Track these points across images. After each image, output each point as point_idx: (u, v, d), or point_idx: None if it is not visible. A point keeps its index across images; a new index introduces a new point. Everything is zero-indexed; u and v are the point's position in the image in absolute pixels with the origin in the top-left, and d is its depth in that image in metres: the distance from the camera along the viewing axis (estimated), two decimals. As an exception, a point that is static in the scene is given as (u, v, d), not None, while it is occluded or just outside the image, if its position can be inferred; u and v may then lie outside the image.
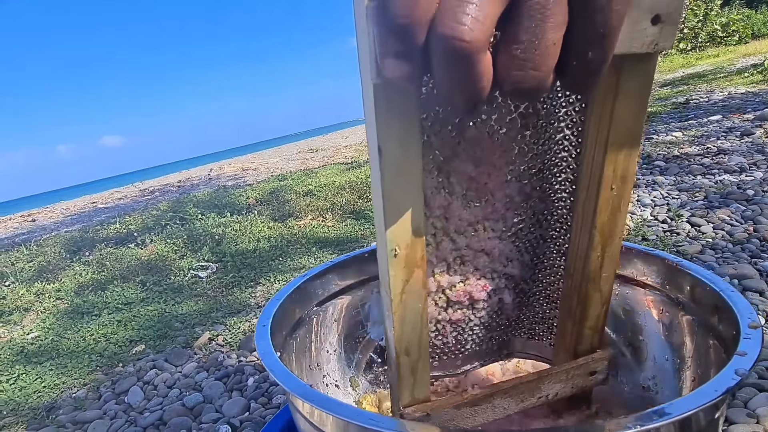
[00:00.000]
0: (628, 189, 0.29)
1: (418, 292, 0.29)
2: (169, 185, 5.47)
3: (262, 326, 0.36)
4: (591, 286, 0.32)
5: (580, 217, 0.31)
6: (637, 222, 1.20)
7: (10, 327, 1.27)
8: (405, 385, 0.31)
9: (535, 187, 0.33)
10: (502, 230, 0.34)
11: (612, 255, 0.31)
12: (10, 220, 5.29)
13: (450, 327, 0.36)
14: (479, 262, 0.34)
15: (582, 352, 0.34)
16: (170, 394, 0.82)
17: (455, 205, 0.32)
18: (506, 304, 0.37)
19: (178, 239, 1.72)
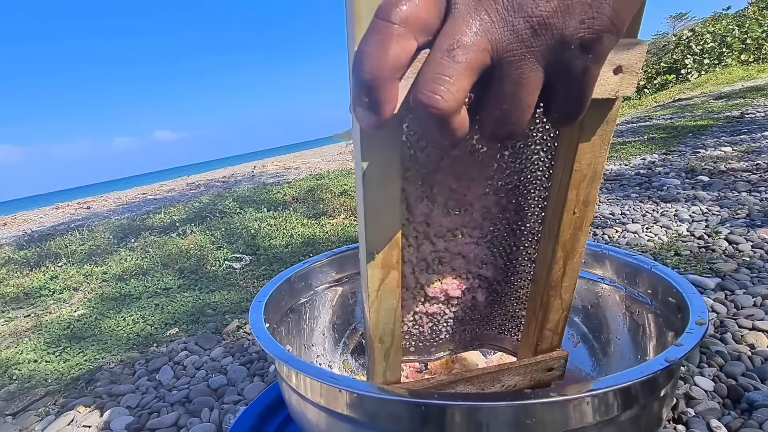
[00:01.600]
0: (590, 212, 0.31)
1: (392, 290, 0.32)
2: (214, 180, 5.67)
3: (257, 302, 0.39)
4: (552, 294, 0.34)
5: (546, 233, 0.34)
6: (671, 237, 1.17)
7: (60, 304, 1.36)
8: (378, 368, 0.34)
9: (510, 201, 0.36)
10: (479, 237, 0.37)
11: (573, 268, 0.33)
12: (67, 206, 5.64)
13: (426, 318, 0.39)
14: (456, 264, 0.37)
15: (542, 350, 0.37)
16: (197, 375, 0.87)
17: (436, 213, 0.35)
18: (479, 302, 0.40)
19: (216, 231, 1.80)
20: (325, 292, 0.51)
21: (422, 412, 0.27)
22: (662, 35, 17.98)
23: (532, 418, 0.25)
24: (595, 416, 0.26)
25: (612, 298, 0.45)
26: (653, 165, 1.96)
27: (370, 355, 0.34)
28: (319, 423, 0.32)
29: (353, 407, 0.29)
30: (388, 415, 0.28)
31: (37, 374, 0.94)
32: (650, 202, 1.50)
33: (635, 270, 0.43)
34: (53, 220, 4.45)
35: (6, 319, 1.30)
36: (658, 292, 0.40)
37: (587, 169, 0.29)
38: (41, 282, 1.54)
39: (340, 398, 0.29)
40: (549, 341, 0.37)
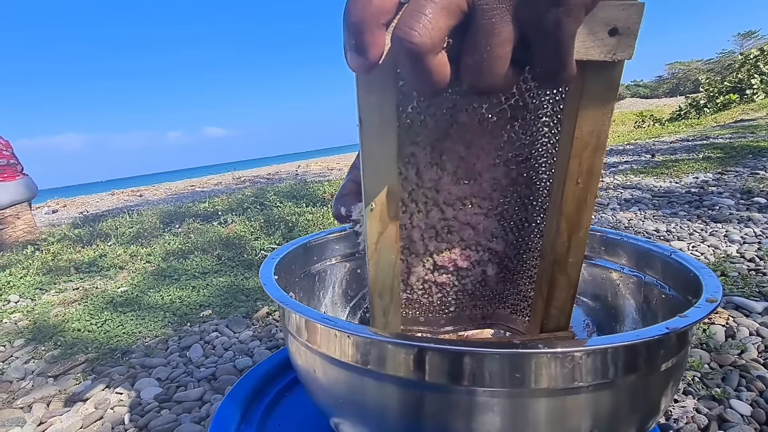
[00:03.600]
0: (594, 183, 0.30)
1: (390, 244, 0.32)
2: (259, 176, 5.84)
3: (270, 259, 0.40)
4: (558, 269, 0.34)
5: (551, 205, 0.33)
6: (718, 257, 1.11)
7: (106, 280, 1.44)
8: (378, 324, 0.35)
9: (521, 174, 0.36)
10: (488, 208, 0.36)
11: (578, 243, 0.32)
12: (122, 193, 5.94)
13: (435, 288, 0.39)
14: (465, 234, 0.37)
15: (548, 329, 0.36)
16: (225, 356, 0.89)
17: (445, 180, 0.35)
18: (489, 277, 0.39)
19: (255, 222, 1.85)
20: (337, 265, 0.52)
21: (419, 357, 0.27)
22: (728, 54, 17.06)
23: (521, 370, 0.25)
24: (588, 376, 0.26)
25: (630, 286, 0.44)
26: (706, 184, 1.87)
27: (371, 311, 0.34)
28: (326, 373, 0.32)
29: (357, 353, 0.29)
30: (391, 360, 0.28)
31: (79, 342, 1.00)
32: (699, 221, 1.43)
33: (654, 257, 0.41)
34: (108, 204, 4.70)
35: (57, 290, 1.38)
36: (677, 279, 0.39)
37: (589, 137, 0.29)
38: (91, 258, 1.63)
39: (344, 343, 0.29)
40: (556, 321, 0.36)
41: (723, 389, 0.64)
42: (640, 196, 1.81)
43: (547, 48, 0.22)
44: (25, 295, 1.37)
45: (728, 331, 0.80)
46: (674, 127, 5.07)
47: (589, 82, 0.27)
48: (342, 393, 0.31)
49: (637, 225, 1.45)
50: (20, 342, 1.04)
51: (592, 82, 0.27)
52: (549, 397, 0.26)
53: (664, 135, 4.09)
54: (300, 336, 0.33)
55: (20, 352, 0.99)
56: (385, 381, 0.28)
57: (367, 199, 0.30)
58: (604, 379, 0.26)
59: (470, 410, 0.27)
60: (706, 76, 9.84)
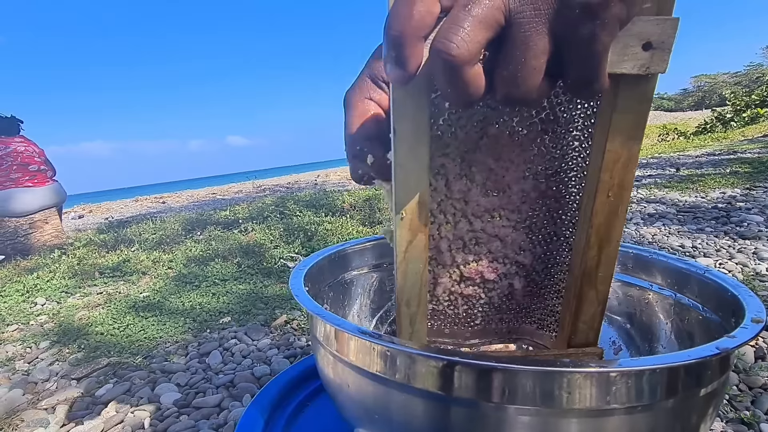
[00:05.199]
0: (625, 197, 0.30)
1: (419, 253, 0.32)
2: (279, 185, 5.90)
3: (298, 270, 0.40)
4: (587, 283, 0.33)
5: (581, 218, 0.33)
6: (747, 274, 1.08)
7: (129, 285, 1.46)
8: (404, 333, 0.34)
9: (550, 187, 0.35)
10: (517, 221, 0.36)
11: (608, 257, 0.32)
12: (146, 200, 6.07)
13: (461, 300, 0.39)
14: (493, 246, 0.37)
15: (576, 345, 0.35)
16: (243, 363, 0.90)
17: (474, 191, 0.35)
18: (516, 290, 0.39)
19: (275, 230, 1.87)
20: (365, 275, 0.52)
21: (449, 372, 0.26)
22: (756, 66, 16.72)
23: (558, 387, 0.24)
24: (626, 398, 0.25)
25: (660, 305, 0.42)
26: (734, 199, 1.82)
27: (398, 320, 0.34)
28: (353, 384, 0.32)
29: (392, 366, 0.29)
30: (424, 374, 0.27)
31: (102, 345, 1.02)
32: (727, 237, 1.39)
33: (686, 275, 0.40)
34: (132, 210, 4.80)
35: (82, 294, 1.41)
36: (712, 298, 0.37)
37: (621, 149, 0.28)
38: (115, 263, 1.66)
39: (373, 354, 0.29)
40: (584, 336, 0.35)
41: (753, 412, 0.62)
42: (664, 210, 1.77)
43: (581, 60, 0.22)
44: (51, 297, 1.40)
45: (758, 352, 0.77)
46: (700, 140, 4.97)
47: (621, 95, 0.27)
48: (369, 404, 0.31)
49: (661, 240, 1.42)
50: (46, 344, 1.06)
51: (625, 96, 0.26)
52: (581, 418, 0.25)
53: (689, 149, 4.01)
54: (329, 345, 0.33)
55: (45, 354, 1.01)
56: (413, 393, 0.28)
57: (397, 207, 0.31)
58: (640, 402, 0.25)
59: (499, 427, 0.26)
60: (733, 89, 9.63)
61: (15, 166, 2.04)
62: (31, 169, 2.07)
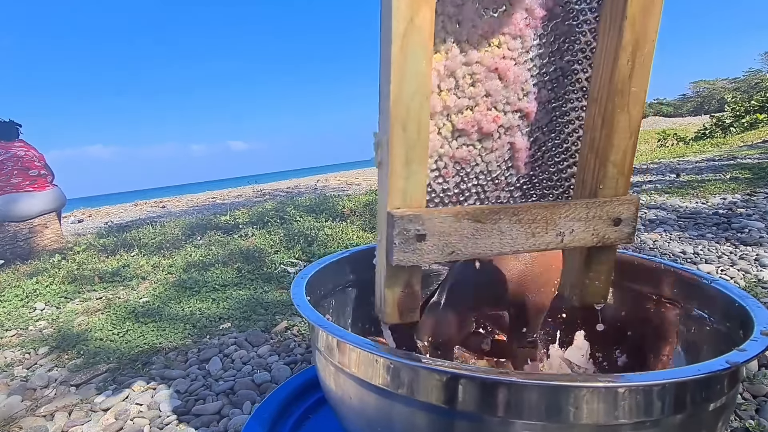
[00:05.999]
0: None
1: (423, 40, 0.26)
2: (279, 190, 5.90)
3: (300, 278, 0.40)
4: (618, 103, 0.28)
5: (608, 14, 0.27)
6: (749, 281, 1.08)
7: (128, 290, 1.46)
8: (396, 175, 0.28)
9: (558, 4, 0.30)
10: (519, 50, 0.31)
11: (643, 64, 0.27)
12: (145, 204, 6.07)
13: (452, 168, 0.32)
14: (491, 86, 0.31)
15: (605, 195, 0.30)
16: (243, 369, 0.89)
17: (469, 7, 0.29)
18: (518, 152, 0.33)
19: (275, 236, 1.86)
20: (365, 283, 0.52)
21: (453, 385, 0.25)
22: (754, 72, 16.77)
23: (565, 402, 0.23)
24: (634, 414, 0.24)
25: (666, 314, 0.41)
26: (734, 205, 1.82)
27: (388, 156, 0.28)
28: (355, 396, 0.31)
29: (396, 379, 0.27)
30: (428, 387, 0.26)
31: (101, 351, 1.01)
32: (728, 243, 1.39)
33: (692, 285, 0.39)
34: (132, 215, 4.80)
35: (81, 299, 1.41)
36: (719, 309, 0.36)
37: None
38: (114, 268, 1.66)
39: (377, 367, 0.28)
40: (614, 183, 0.30)
41: (757, 421, 0.61)
42: (665, 216, 1.77)
43: None
44: (50, 303, 1.40)
45: (762, 359, 0.77)
46: (699, 146, 4.97)
47: None
48: (372, 416, 0.30)
49: (662, 246, 1.42)
50: (44, 350, 1.06)
51: None
52: None
53: (689, 154, 4.01)
54: (331, 356, 0.32)
55: (44, 360, 1.01)
56: (416, 407, 0.27)
57: None
58: (649, 418, 0.24)
59: (503, 442, 0.25)
60: (732, 94, 9.66)
61: (15, 170, 2.04)
62: (31, 174, 2.07)
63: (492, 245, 0.29)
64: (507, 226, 0.29)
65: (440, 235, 0.28)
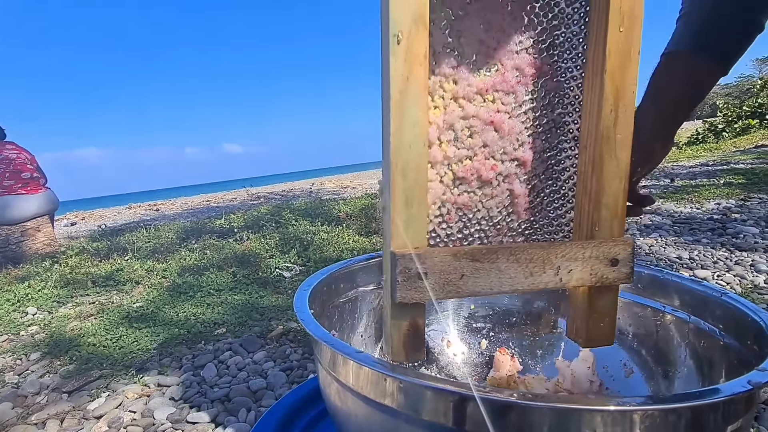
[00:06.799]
0: (637, 30, 0.28)
1: (418, 95, 0.28)
2: (274, 193, 5.89)
3: (302, 290, 0.39)
4: (606, 150, 0.30)
5: (590, 70, 0.31)
6: (746, 287, 1.08)
7: (122, 295, 1.44)
8: (397, 218, 0.30)
9: (545, 63, 0.33)
10: (513, 105, 0.34)
11: (625, 113, 0.30)
12: (139, 207, 6.03)
13: (455, 213, 0.34)
14: (488, 138, 0.34)
15: (600, 238, 0.32)
16: (239, 376, 0.88)
17: (464, 68, 0.32)
18: (517, 198, 0.35)
19: (270, 240, 1.86)
20: (367, 293, 0.51)
21: (461, 406, 0.24)
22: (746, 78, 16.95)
23: (576, 426, 0.23)
24: None
25: (675, 328, 0.41)
26: (729, 210, 1.83)
27: (390, 202, 0.30)
28: (360, 414, 0.30)
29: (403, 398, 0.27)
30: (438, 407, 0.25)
31: (94, 357, 1.00)
32: (723, 249, 1.39)
33: (702, 298, 0.39)
34: (125, 218, 4.77)
35: (74, 304, 1.39)
36: (730, 322, 0.36)
37: None
38: (108, 272, 1.64)
39: (388, 387, 0.27)
40: (608, 225, 0.32)
41: (757, 429, 0.61)
42: (660, 221, 1.78)
43: None
44: (42, 307, 1.38)
45: (759, 366, 0.77)
46: (692, 151, 5.01)
47: None
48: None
49: (658, 252, 1.42)
50: (36, 355, 1.04)
51: None
52: None
53: (683, 159, 4.04)
54: (336, 373, 0.31)
55: (36, 366, 0.99)
56: (423, 427, 0.26)
57: (393, 29, 0.27)
58: None
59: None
60: (724, 100, 9.75)
61: (8, 173, 2.02)
62: (24, 177, 2.04)
63: (491, 284, 0.31)
64: (505, 265, 0.31)
65: (440, 273, 0.30)
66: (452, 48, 0.32)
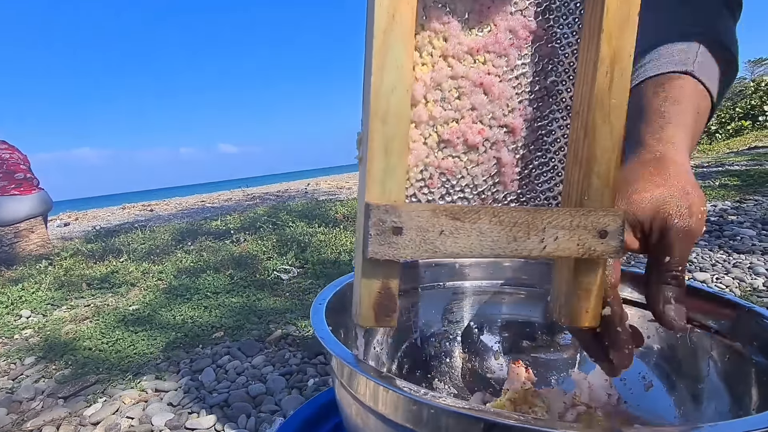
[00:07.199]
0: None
1: (403, 36, 0.27)
2: (269, 193, 5.87)
3: (318, 304, 0.38)
4: (599, 118, 0.29)
5: (586, 31, 0.29)
6: (744, 290, 1.08)
7: (117, 297, 1.43)
8: (374, 167, 0.28)
9: (541, 27, 0.32)
10: (504, 68, 0.32)
11: (621, 77, 0.28)
12: (133, 207, 6.00)
13: (438, 177, 0.33)
14: (477, 100, 0.33)
15: (590, 207, 0.31)
16: (237, 380, 0.87)
17: (455, 25, 0.31)
18: (504, 167, 0.34)
19: (267, 241, 1.84)
20: None
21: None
22: (739, 80, 17.15)
23: None
24: None
25: (698, 341, 0.40)
26: (725, 213, 1.84)
27: (367, 150, 0.28)
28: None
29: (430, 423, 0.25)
30: None
31: (90, 361, 0.99)
32: (721, 251, 1.40)
33: (727, 310, 0.38)
34: (119, 218, 4.73)
35: (69, 306, 1.38)
36: (758, 337, 0.35)
37: None
38: (103, 274, 1.63)
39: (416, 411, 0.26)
40: (598, 195, 0.30)
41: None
42: (657, 223, 1.78)
43: None
44: (36, 310, 1.36)
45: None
46: (687, 152, 5.03)
47: None
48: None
49: (656, 254, 1.43)
50: (31, 360, 1.03)
51: None
52: None
53: (678, 161, 4.06)
54: (360, 395, 0.30)
55: (31, 371, 0.98)
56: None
57: None
58: None
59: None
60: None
61: (0, 174, 1.99)
62: (17, 177, 2.02)
63: (472, 246, 0.29)
64: (487, 227, 0.29)
65: (417, 230, 0.28)
66: (444, 3, 0.31)
